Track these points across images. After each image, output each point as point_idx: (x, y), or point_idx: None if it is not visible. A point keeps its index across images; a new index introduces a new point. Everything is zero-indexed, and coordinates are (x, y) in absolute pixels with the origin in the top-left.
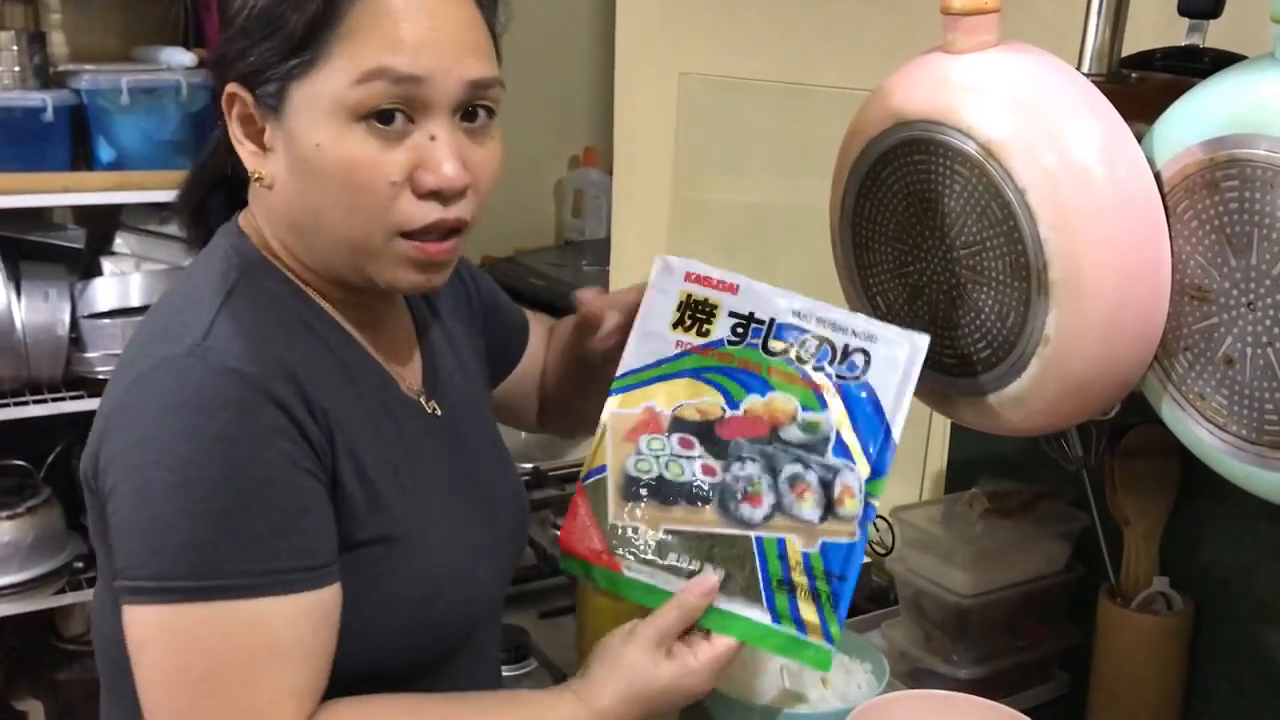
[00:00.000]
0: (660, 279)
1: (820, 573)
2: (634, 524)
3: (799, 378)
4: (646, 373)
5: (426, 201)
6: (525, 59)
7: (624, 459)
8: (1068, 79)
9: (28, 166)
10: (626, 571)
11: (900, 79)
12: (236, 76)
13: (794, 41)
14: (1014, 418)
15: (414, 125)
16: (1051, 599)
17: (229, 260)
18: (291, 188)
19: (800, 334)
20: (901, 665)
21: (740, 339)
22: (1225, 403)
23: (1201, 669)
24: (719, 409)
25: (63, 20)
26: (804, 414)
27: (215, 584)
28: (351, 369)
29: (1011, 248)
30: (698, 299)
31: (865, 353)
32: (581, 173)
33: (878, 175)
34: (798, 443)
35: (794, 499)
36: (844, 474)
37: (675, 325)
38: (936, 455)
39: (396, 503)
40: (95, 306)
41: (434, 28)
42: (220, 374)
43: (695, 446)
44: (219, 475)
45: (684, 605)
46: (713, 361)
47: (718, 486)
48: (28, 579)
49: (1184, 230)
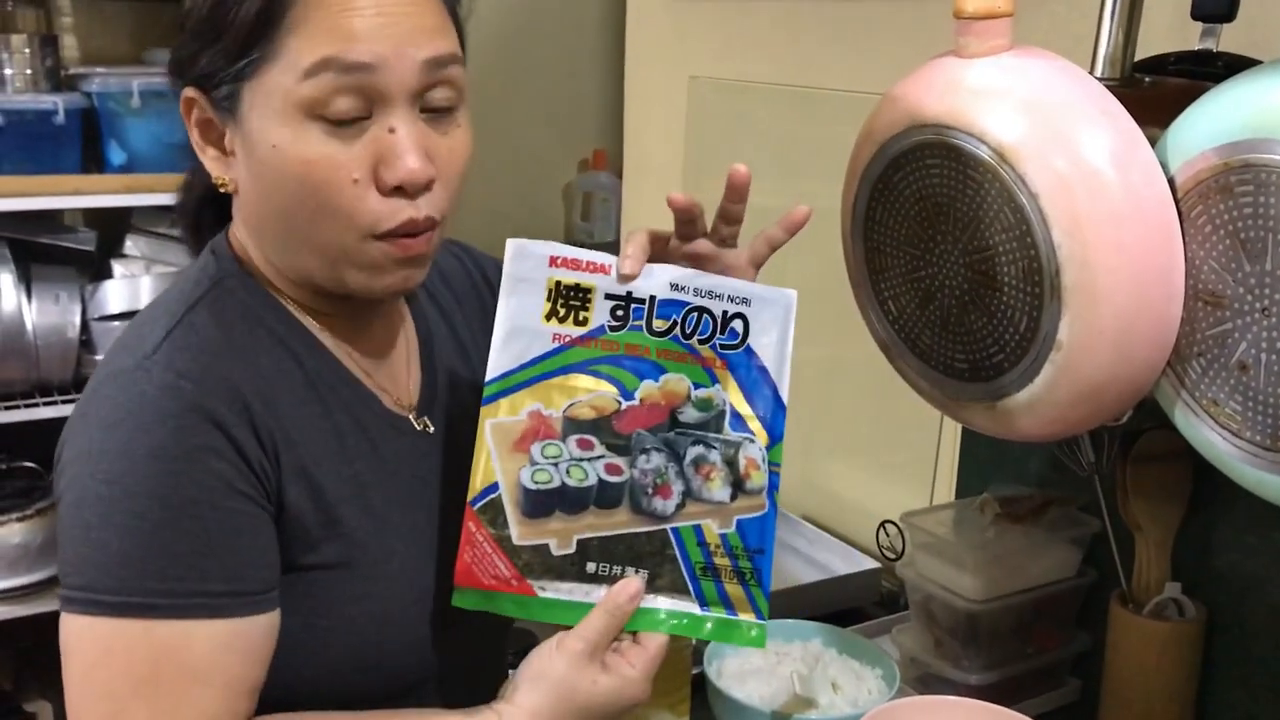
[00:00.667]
0: (520, 267)
1: (740, 550)
2: (542, 540)
3: (687, 354)
4: (522, 373)
5: (393, 199)
6: (535, 62)
7: (517, 472)
8: (1081, 83)
9: (39, 169)
10: (541, 593)
11: (913, 83)
12: (191, 81)
13: (804, 45)
14: (1026, 423)
15: (371, 119)
16: (1063, 605)
17: (204, 271)
18: (255, 192)
19: (681, 307)
20: (912, 671)
21: (622, 323)
22: (1239, 408)
23: (1214, 676)
24: (614, 402)
25: (74, 23)
26: (696, 391)
27: (138, 601)
28: (321, 384)
29: (1024, 253)
30: (567, 285)
31: (743, 317)
32: (591, 175)
33: (890, 180)
34: (695, 423)
35: (702, 482)
36: (745, 447)
37: (548, 317)
38: (947, 460)
39: (358, 525)
40: (105, 309)
41: (381, 12)
42: (160, 389)
43: (595, 446)
44: (149, 492)
45: (611, 610)
46: (597, 352)
47: (626, 484)
48: (38, 580)
49: (1198, 235)
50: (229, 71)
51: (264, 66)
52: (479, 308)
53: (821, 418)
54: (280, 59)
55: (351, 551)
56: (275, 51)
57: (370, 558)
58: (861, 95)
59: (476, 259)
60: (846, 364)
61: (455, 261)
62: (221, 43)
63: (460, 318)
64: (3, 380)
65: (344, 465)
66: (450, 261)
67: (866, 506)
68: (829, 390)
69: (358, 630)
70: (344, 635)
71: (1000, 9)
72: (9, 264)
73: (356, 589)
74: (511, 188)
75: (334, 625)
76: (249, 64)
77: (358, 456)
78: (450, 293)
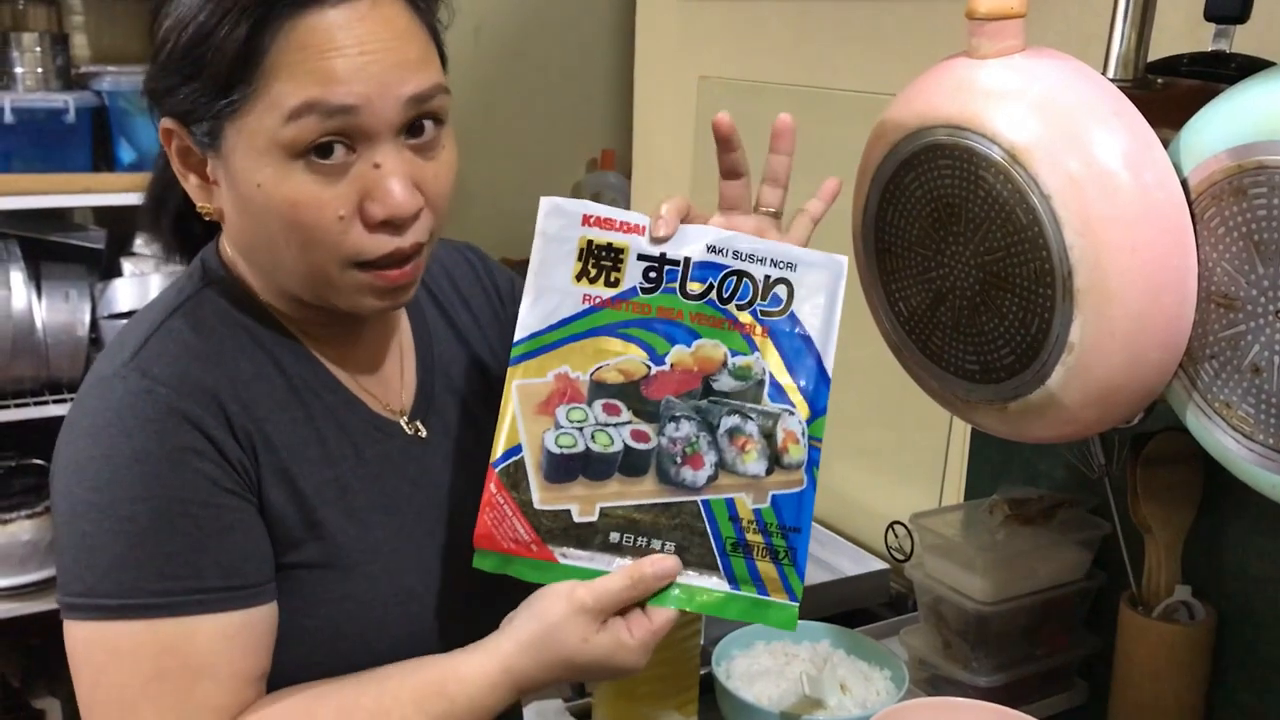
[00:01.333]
0: (551, 224)
1: (775, 528)
2: (564, 506)
3: (723, 319)
4: (550, 334)
5: (378, 233)
6: (543, 62)
7: (541, 435)
8: (1093, 84)
9: (49, 167)
10: (562, 560)
11: (924, 84)
12: (169, 113)
13: (814, 45)
14: (1037, 425)
15: (356, 155)
16: (1072, 607)
17: (191, 277)
18: (240, 223)
19: (719, 270)
20: (920, 672)
21: (655, 285)
22: (1252, 411)
23: (1223, 679)
24: (643, 366)
25: (85, 22)
26: (734, 359)
27: (138, 602)
28: (303, 389)
29: (1036, 254)
30: (600, 245)
31: (787, 283)
32: (599, 175)
33: (901, 180)
34: (731, 391)
35: (737, 454)
36: (784, 419)
37: (579, 277)
38: (957, 461)
39: (340, 527)
40: (115, 307)
41: (364, 51)
42: (137, 395)
43: (622, 411)
44: (136, 495)
45: (634, 579)
46: (628, 314)
47: (653, 452)
48: (46, 578)
49: (1210, 237)
50: (209, 110)
51: (246, 106)
52: (490, 313)
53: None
54: (262, 100)
55: (333, 552)
56: (256, 93)
57: (352, 559)
58: (872, 96)
59: (490, 267)
60: (856, 365)
61: (467, 265)
62: (200, 80)
63: (466, 318)
64: (12, 378)
65: (325, 468)
66: (461, 265)
67: (875, 508)
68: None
69: (343, 630)
70: (329, 634)
71: (1013, 10)
72: (19, 262)
73: (339, 589)
74: (520, 187)
75: (319, 624)
76: (229, 104)
77: (340, 459)
78: (457, 294)
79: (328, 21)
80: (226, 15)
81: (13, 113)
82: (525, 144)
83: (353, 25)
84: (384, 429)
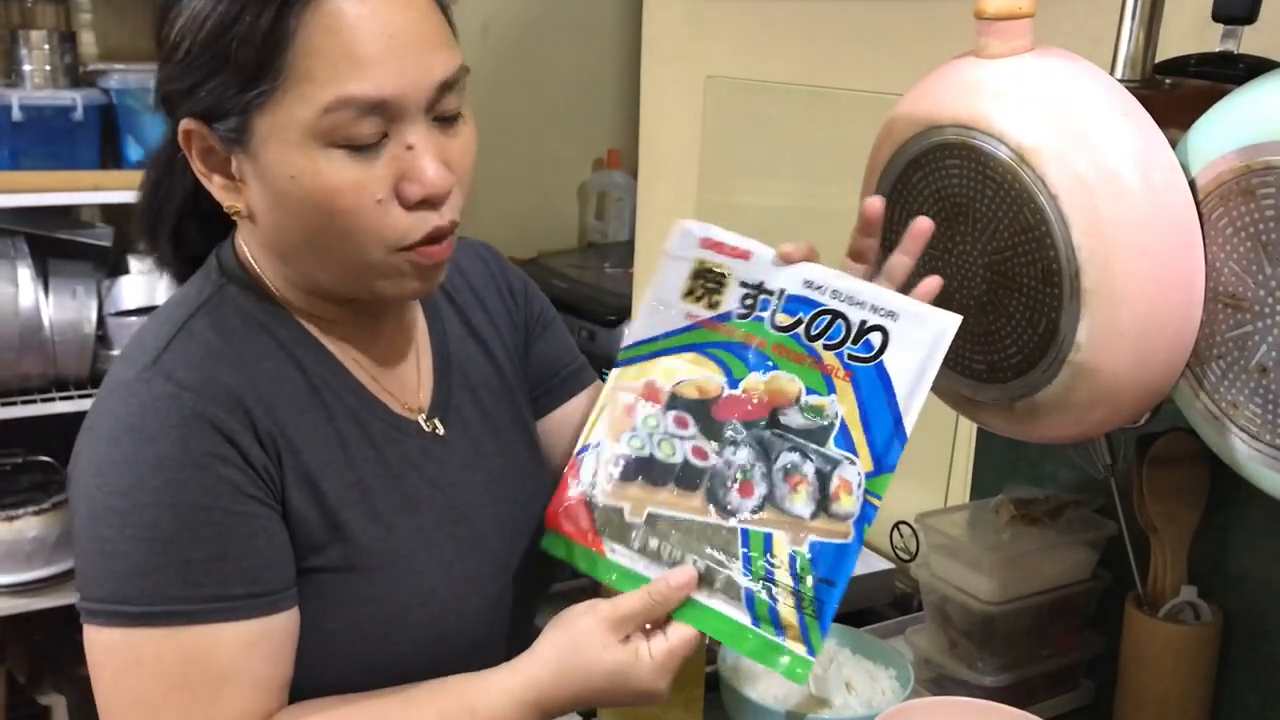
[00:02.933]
0: (677, 245)
1: (806, 573)
2: (620, 503)
3: (806, 356)
4: (654, 344)
5: (417, 211)
6: (551, 60)
7: (620, 434)
8: (1101, 85)
9: (57, 165)
10: (610, 554)
11: (932, 83)
12: (189, 113)
13: (821, 45)
14: (1043, 425)
15: (388, 138)
16: (1078, 607)
17: (207, 278)
18: (274, 220)
19: (812, 307)
20: (926, 672)
21: (749, 311)
22: (1259, 411)
23: (1229, 680)
24: (718, 386)
25: (93, 20)
26: (807, 397)
27: (161, 609)
28: (324, 389)
29: (1043, 254)
30: (709, 266)
31: (883, 331)
32: (605, 175)
33: (908, 180)
34: (798, 429)
35: (787, 490)
36: (843, 467)
37: (686, 295)
38: (963, 461)
39: (362, 529)
40: (122, 304)
41: (392, 34)
42: (161, 399)
43: (690, 426)
44: (160, 502)
45: (655, 594)
46: (719, 336)
47: (708, 471)
48: (53, 574)
49: (1218, 238)
50: (236, 104)
51: (275, 97)
52: (504, 311)
53: None
54: (293, 90)
55: (355, 555)
56: (286, 82)
57: (375, 561)
58: (880, 95)
59: (503, 266)
60: None
61: (481, 264)
62: (225, 74)
63: (481, 316)
64: (20, 375)
65: (347, 470)
66: (476, 263)
67: (881, 507)
68: None
69: (365, 633)
70: (352, 637)
71: (1021, 10)
72: (27, 259)
73: (362, 591)
74: (526, 186)
75: (342, 627)
76: (259, 95)
77: (361, 462)
78: (471, 292)
79: (351, 3)
80: (248, 4)
81: (21, 110)
82: (531, 142)
83: (379, 10)
84: (403, 428)
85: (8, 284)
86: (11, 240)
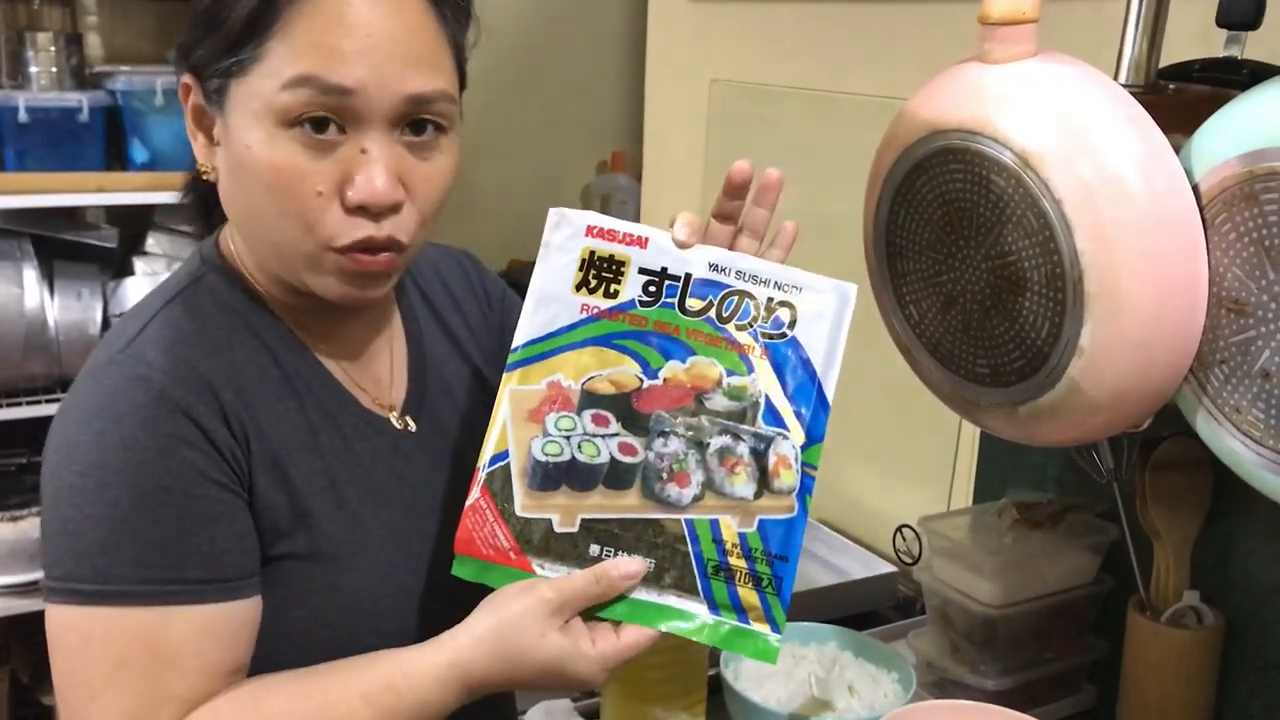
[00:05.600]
0: (556, 235)
1: (760, 554)
2: (545, 515)
3: (721, 339)
4: (547, 342)
5: (354, 216)
6: (554, 63)
7: (529, 442)
8: (1105, 90)
9: (63, 166)
10: (539, 570)
11: (936, 88)
12: (189, 67)
13: (826, 49)
14: (1046, 429)
15: (346, 136)
16: (1080, 611)
17: (190, 266)
18: (229, 186)
19: (719, 289)
20: (928, 675)
21: (654, 299)
22: (1262, 416)
23: (1232, 685)
24: (635, 379)
25: (99, 22)
26: (729, 379)
27: (115, 589)
28: (296, 379)
29: (1047, 258)
30: (602, 256)
31: (790, 306)
32: (609, 178)
33: (912, 184)
34: (725, 411)
35: (725, 475)
36: (777, 443)
37: (579, 287)
38: (965, 465)
39: (329, 518)
40: (126, 306)
41: (371, 34)
42: (130, 381)
43: (611, 423)
44: (122, 482)
45: (598, 577)
46: (624, 326)
47: (639, 466)
48: None
49: (1222, 243)
50: (219, 66)
51: (250, 67)
52: (480, 317)
53: (840, 421)
54: (265, 63)
55: (321, 543)
56: (263, 55)
57: (340, 550)
58: (884, 99)
59: (482, 273)
60: (866, 367)
61: (460, 270)
62: (216, 36)
63: (458, 321)
64: (25, 375)
65: (315, 458)
66: (455, 270)
67: (884, 510)
68: (848, 394)
69: (330, 622)
70: (317, 626)
71: (1025, 15)
72: (32, 260)
73: (327, 580)
74: (530, 189)
75: (306, 615)
76: (237, 62)
77: (330, 451)
78: (449, 297)
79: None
80: None
81: (27, 112)
82: (536, 146)
83: (366, 9)
84: (374, 424)
85: (13, 285)
86: (17, 241)
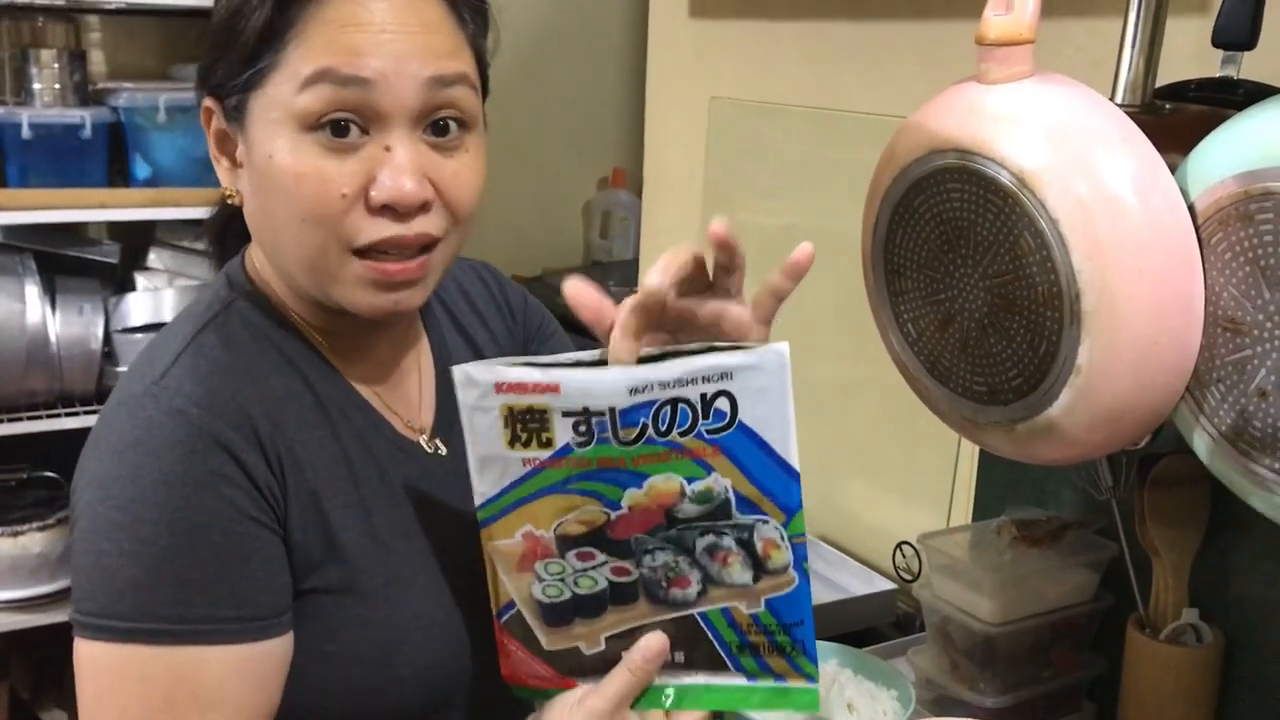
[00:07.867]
0: (469, 395)
1: (776, 627)
2: (571, 644)
3: (670, 451)
4: (504, 498)
5: (379, 217)
6: (556, 80)
7: (528, 590)
8: (1101, 110)
9: (65, 182)
10: (583, 683)
11: (934, 108)
12: (209, 90)
13: (825, 67)
14: (1044, 447)
15: (369, 136)
16: (1079, 629)
17: (217, 292)
18: (253, 204)
19: (648, 409)
20: (927, 693)
21: (588, 438)
22: (1259, 435)
23: (1230, 702)
24: (602, 514)
25: (102, 39)
26: (690, 486)
27: (150, 627)
28: (331, 407)
29: (1044, 277)
30: (520, 409)
31: (728, 394)
32: (610, 194)
33: (910, 203)
34: (697, 516)
35: (720, 568)
36: (759, 529)
37: (511, 443)
38: (964, 482)
39: (362, 552)
40: (128, 321)
41: (387, 29)
42: (168, 415)
43: (596, 555)
44: (159, 518)
45: (632, 668)
46: (571, 470)
47: (638, 581)
48: (56, 590)
49: (1217, 262)
50: (237, 81)
51: (268, 77)
52: (505, 330)
53: (839, 439)
54: (282, 70)
55: (353, 576)
56: (279, 62)
57: (373, 583)
58: (883, 118)
59: (502, 284)
60: (864, 385)
61: (481, 284)
62: (233, 52)
63: (484, 336)
64: (26, 390)
65: (350, 490)
66: (476, 283)
67: (883, 528)
68: (847, 411)
69: (363, 656)
70: (350, 660)
71: (1022, 36)
72: (34, 276)
73: (360, 614)
74: (531, 204)
75: (340, 650)
76: (254, 74)
77: (364, 482)
78: (473, 312)
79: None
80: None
81: (30, 128)
82: (537, 161)
83: (382, 6)
84: (407, 450)
85: (15, 301)
86: (19, 257)
